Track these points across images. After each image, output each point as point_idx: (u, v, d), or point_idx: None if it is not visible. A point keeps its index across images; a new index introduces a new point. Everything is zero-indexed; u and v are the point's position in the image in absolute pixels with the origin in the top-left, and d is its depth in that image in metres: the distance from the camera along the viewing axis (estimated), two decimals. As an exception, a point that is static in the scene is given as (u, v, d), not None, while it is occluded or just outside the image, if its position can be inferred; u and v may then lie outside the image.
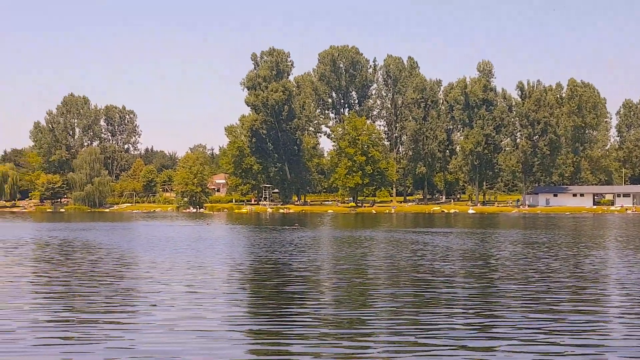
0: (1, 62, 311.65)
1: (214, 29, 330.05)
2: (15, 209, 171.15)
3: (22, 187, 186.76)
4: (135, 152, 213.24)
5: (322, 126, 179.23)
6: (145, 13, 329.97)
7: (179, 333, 15.08)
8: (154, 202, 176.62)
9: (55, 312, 17.75)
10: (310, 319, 16.72)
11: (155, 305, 18.60)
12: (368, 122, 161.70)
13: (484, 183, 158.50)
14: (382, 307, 18.73)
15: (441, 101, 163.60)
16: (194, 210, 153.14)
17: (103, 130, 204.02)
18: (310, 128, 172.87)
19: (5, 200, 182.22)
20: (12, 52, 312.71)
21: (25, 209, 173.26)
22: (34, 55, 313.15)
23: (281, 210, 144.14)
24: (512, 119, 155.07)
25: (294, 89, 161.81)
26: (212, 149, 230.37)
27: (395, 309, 18.37)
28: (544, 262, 31.70)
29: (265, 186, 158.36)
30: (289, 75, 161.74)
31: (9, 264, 30.89)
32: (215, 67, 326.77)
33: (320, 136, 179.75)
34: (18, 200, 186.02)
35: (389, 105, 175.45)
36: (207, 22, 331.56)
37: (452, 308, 18.63)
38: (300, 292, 21.71)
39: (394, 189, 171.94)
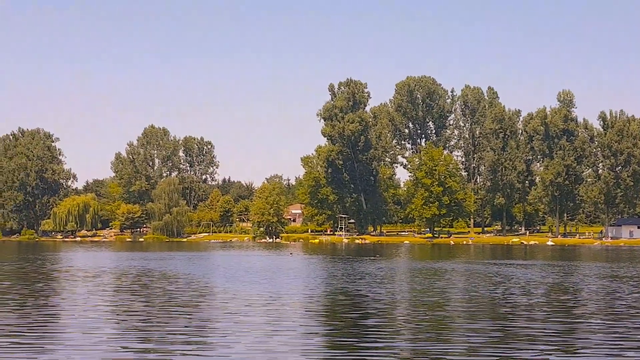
0: (84, 95, 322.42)
1: (291, 59, 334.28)
2: (96, 238, 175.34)
3: (103, 216, 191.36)
4: (213, 183, 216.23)
5: (399, 156, 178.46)
6: (221, 45, 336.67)
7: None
8: (230, 232, 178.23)
9: (132, 342, 17.63)
10: (387, 355, 16.09)
11: (231, 338, 18.29)
12: (445, 152, 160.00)
13: (565, 214, 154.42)
14: (462, 342, 17.95)
15: (520, 131, 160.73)
16: (270, 240, 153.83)
17: (182, 161, 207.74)
18: (387, 158, 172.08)
19: (86, 230, 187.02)
20: (95, 85, 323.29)
21: (105, 238, 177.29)
22: (115, 88, 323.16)
23: (357, 241, 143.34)
24: (594, 150, 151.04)
25: (371, 119, 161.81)
26: (289, 180, 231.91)
27: (476, 345, 17.57)
28: (634, 297, 30.20)
29: (341, 216, 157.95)
30: (365, 105, 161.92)
31: (89, 293, 31.22)
32: (292, 98, 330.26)
33: (397, 166, 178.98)
34: (99, 229, 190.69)
35: (467, 136, 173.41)
36: (283, 52, 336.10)
37: (535, 345, 17.71)
38: (378, 325, 21.08)
39: (472, 220, 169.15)
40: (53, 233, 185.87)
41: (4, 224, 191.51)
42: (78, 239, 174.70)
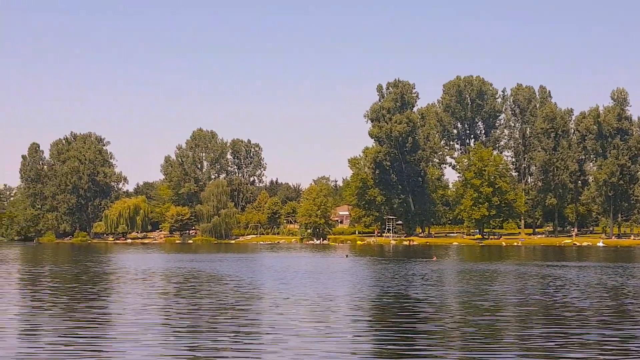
0: (134, 99, 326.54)
1: (338, 60, 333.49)
2: (146, 240, 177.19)
3: (153, 219, 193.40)
4: (261, 185, 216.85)
5: (447, 157, 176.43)
6: (267, 46, 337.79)
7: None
8: (278, 233, 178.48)
9: (180, 345, 17.29)
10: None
11: (279, 342, 17.83)
12: (495, 152, 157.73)
13: (619, 215, 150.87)
14: (517, 349, 17.17)
15: (572, 131, 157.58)
16: (318, 241, 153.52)
17: (230, 163, 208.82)
18: (435, 159, 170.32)
19: (137, 232, 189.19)
20: (144, 88, 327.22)
21: (155, 240, 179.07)
22: (164, 92, 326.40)
23: (405, 242, 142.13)
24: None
25: (418, 120, 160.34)
26: (336, 181, 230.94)
27: (531, 351, 16.80)
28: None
29: (389, 218, 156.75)
30: (413, 106, 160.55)
31: (139, 295, 31.14)
32: (339, 100, 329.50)
33: (445, 167, 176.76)
34: (149, 231, 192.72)
35: (517, 136, 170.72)
36: (330, 53, 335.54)
37: (594, 352, 16.87)
38: (430, 331, 20.40)
39: (522, 221, 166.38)
40: (105, 235, 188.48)
41: (57, 227, 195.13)
42: (129, 240, 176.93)
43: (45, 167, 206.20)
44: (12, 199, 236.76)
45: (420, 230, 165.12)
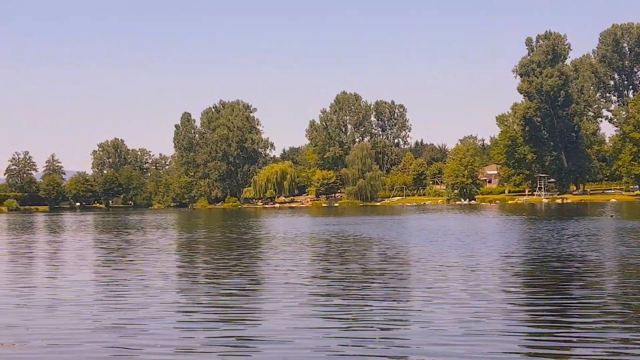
0: (278, 66, 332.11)
1: (483, 15, 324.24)
2: (293, 205, 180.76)
3: (300, 183, 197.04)
4: (405, 146, 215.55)
5: (603, 110, 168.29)
6: (410, 7, 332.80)
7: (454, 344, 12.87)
8: (424, 194, 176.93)
9: (328, 311, 16.40)
10: (596, 336, 13.51)
11: (426, 308, 16.54)
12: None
13: None
14: None
15: None
16: (465, 202, 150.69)
17: (373, 125, 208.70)
18: (590, 113, 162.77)
19: (284, 196, 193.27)
20: (287, 55, 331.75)
21: (302, 204, 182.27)
22: (307, 58, 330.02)
23: (557, 201, 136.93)
24: None
25: (571, 72, 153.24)
26: (483, 140, 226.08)
27: None
28: None
29: (540, 176, 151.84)
30: (565, 59, 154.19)
31: (289, 259, 30.78)
32: (484, 56, 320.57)
33: (601, 121, 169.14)
34: (296, 195, 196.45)
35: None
36: (475, 8, 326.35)
37: None
38: (586, 296, 18.38)
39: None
40: (254, 200, 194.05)
41: (209, 193, 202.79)
42: (277, 205, 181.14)
43: (196, 135, 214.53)
44: (167, 167, 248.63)
45: (575, 188, 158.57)
